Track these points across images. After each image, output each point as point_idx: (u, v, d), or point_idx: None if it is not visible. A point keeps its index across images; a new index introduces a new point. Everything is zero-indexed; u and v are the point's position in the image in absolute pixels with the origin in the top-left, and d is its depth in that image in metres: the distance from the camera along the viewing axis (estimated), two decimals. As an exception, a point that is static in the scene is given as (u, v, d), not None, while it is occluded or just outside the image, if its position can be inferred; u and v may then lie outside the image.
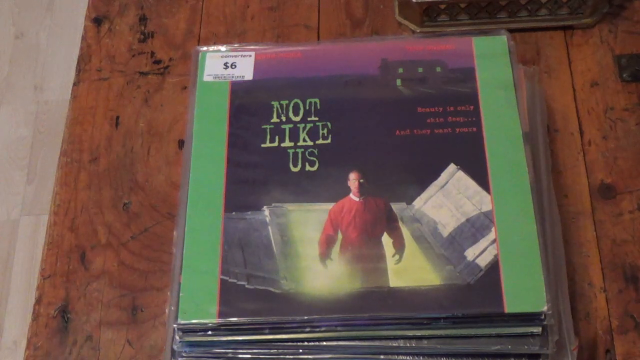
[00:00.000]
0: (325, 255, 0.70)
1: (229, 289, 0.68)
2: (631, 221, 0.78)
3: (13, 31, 1.90)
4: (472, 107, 0.75)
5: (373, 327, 0.67)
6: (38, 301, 0.79)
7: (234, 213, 0.72)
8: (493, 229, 0.69)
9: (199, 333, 0.68)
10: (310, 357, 0.67)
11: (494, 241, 0.68)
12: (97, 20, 0.95)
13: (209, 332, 0.67)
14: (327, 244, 0.70)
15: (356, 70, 0.79)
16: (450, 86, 0.76)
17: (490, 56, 0.78)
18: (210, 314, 0.67)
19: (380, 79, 0.78)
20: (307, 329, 0.67)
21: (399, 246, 0.70)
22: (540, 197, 0.73)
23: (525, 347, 0.65)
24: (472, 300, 0.66)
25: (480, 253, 0.68)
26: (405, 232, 0.70)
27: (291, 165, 0.74)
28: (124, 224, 0.82)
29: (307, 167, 0.73)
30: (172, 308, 0.68)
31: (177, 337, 0.68)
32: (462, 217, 0.70)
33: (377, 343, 0.67)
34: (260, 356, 0.68)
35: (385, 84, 0.78)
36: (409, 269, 0.68)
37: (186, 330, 0.68)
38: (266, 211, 0.72)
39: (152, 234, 0.81)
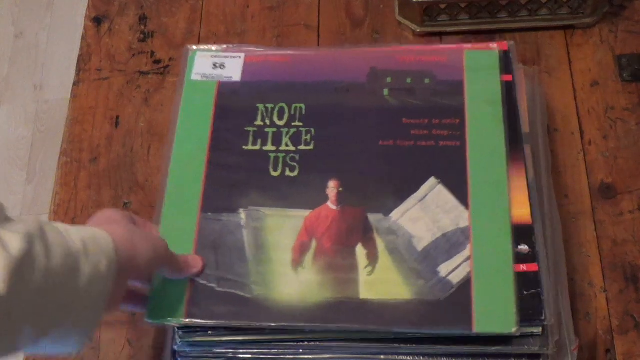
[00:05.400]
0: (297, 262, 0.69)
1: (199, 291, 0.68)
2: (631, 221, 0.78)
3: (13, 31, 1.90)
4: (457, 121, 0.74)
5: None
6: (38, 301, 0.79)
7: (210, 214, 0.72)
8: (468, 246, 0.68)
9: (199, 333, 0.67)
10: (310, 357, 0.67)
11: (468, 258, 0.67)
12: (97, 20, 0.95)
13: (209, 332, 0.67)
14: (300, 251, 0.69)
15: (344, 77, 0.78)
16: (437, 98, 0.75)
17: (480, 70, 0.76)
18: (178, 314, 0.67)
19: (368, 88, 0.77)
20: (308, 329, 0.67)
21: (372, 258, 0.69)
22: (540, 197, 0.73)
23: (525, 347, 0.65)
24: (441, 317, 0.65)
25: (454, 269, 0.67)
26: (379, 243, 0.69)
27: (271, 169, 0.73)
28: (124, 223, 0.82)
29: (288, 172, 0.73)
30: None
31: (177, 337, 0.68)
32: (439, 232, 0.69)
33: (377, 343, 0.67)
34: (260, 356, 0.68)
35: (372, 92, 0.77)
36: (381, 282, 0.67)
37: (186, 330, 0.68)
38: (242, 214, 0.71)
39: (152, 234, 0.81)
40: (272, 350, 0.67)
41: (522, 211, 0.69)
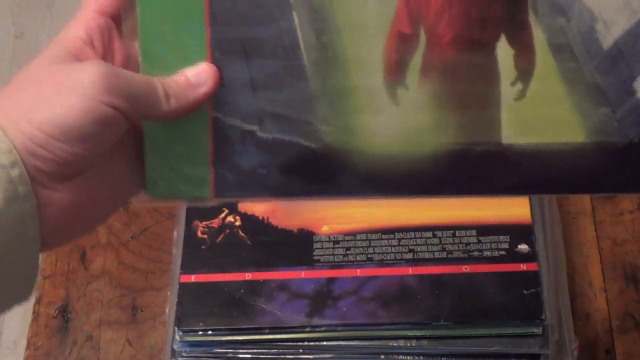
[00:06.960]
0: (395, 74, 0.39)
1: (227, 139, 0.39)
2: (631, 221, 0.78)
3: (13, 31, 1.90)
4: None
5: (372, 326, 0.66)
6: (38, 301, 0.79)
7: None
8: None
9: (199, 333, 0.68)
10: (310, 357, 0.67)
11: None
12: (97, 20, 0.95)
13: (209, 332, 0.67)
14: (398, 52, 0.39)
15: None
16: None
17: None
18: (199, 186, 0.40)
19: None
20: (308, 329, 0.67)
21: (526, 64, 0.39)
22: (540, 197, 0.73)
23: (525, 347, 0.65)
24: (626, 172, 0.39)
25: None
26: (538, 34, 0.39)
27: None
28: (124, 223, 0.82)
29: None
30: (172, 308, 0.68)
31: (177, 337, 0.68)
32: None
33: (377, 343, 0.67)
34: (260, 356, 0.68)
35: None
36: (537, 111, 0.39)
37: (186, 330, 0.68)
38: None
39: (152, 234, 0.81)
40: (272, 350, 0.67)
41: (522, 211, 0.69)
